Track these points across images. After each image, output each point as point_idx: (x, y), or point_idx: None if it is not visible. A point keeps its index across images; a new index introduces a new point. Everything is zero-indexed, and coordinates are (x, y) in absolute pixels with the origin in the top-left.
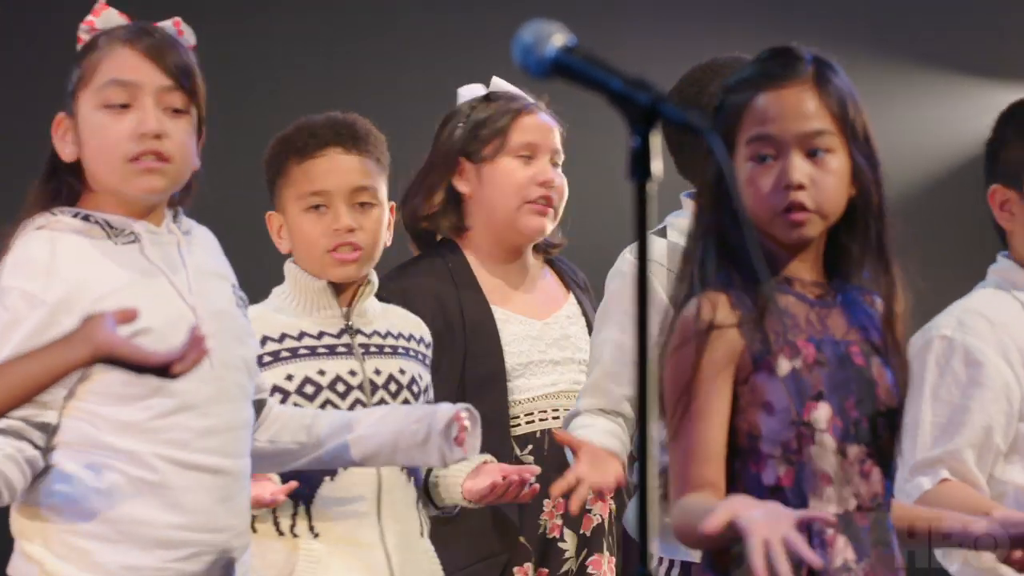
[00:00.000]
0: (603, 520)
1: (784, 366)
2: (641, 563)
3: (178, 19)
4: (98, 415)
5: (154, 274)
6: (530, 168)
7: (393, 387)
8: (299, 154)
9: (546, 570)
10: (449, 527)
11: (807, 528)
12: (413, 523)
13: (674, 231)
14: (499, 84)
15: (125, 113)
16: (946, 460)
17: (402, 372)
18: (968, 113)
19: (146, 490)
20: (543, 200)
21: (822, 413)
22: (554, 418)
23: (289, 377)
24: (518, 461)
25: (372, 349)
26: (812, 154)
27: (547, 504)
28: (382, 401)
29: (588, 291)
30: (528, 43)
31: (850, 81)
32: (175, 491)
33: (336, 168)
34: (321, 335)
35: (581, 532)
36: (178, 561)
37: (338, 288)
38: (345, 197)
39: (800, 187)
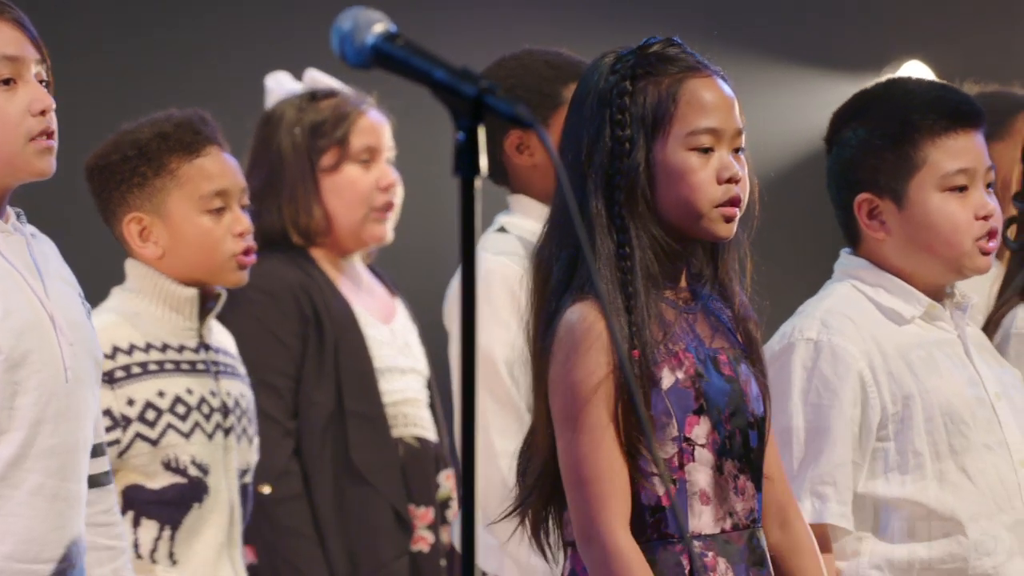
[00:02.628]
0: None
1: (667, 378)
2: None
3: None
4: None
5: (9, 272)
6: (371, 173)
7: (238, 412)
8: (187, 151)
9: None
10: (358, 523)
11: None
12: (242, 555)
13: (516, 230)
14: (318, 79)
15: (14, 89)
16: (808, 489)
17: (242, 396)
18: (807, 103)
19: None
20: (386, 206)
21: (702, 428)
22: (403, 425)
23: (161, 394)
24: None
25: (221, 368)
26: (736, 151)
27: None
28: (232, 427)
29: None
30: (346, 31)
31: None
32: (4, 517)
33: (227, 167)
34: (182, 349)
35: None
36: None
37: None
38: (238, 198)
39: (738, 182)
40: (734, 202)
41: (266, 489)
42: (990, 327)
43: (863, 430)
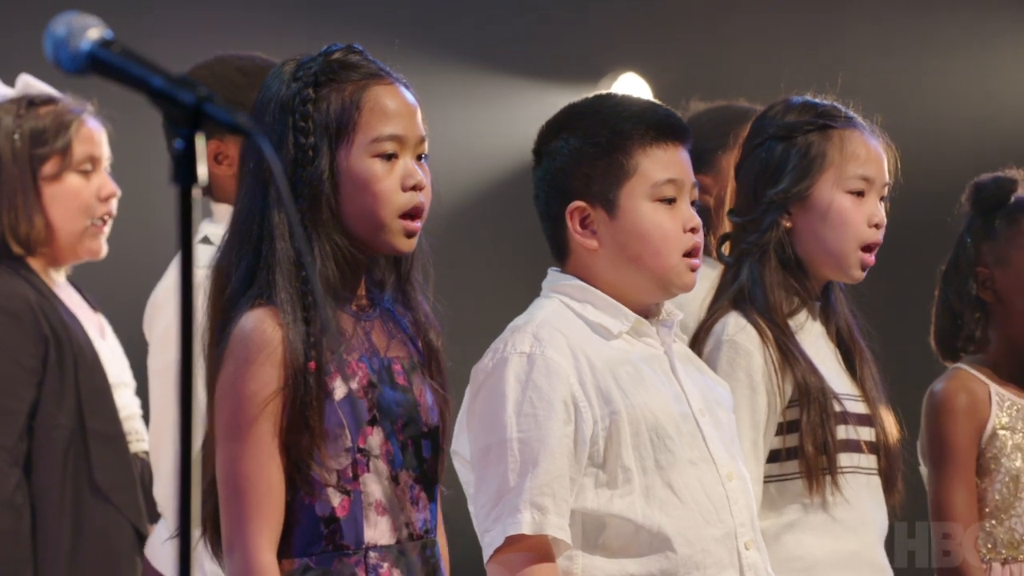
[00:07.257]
0: None
1: (340, 389)
2: None
3: None
4: None
5: None
6: (92, 183)
7: None
8: None
9: None
10: (101, 547)
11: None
12: None
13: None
14: (32, 85)
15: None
16: (527, 500)
17: None
18: (522, 116)
19: None
20: (105, 217)
21: (376, 438)
22: (136, 441)
23: None
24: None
25: None
26: (419, 159)
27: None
28: None
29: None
30: (60, 36)
31: None
32: None
33: None
34: None
35: None
36: None
37: None
38: None
39: (422, 189)
40: (417, 212)
41: None
42: (702, 334)
43: (577, 444)
